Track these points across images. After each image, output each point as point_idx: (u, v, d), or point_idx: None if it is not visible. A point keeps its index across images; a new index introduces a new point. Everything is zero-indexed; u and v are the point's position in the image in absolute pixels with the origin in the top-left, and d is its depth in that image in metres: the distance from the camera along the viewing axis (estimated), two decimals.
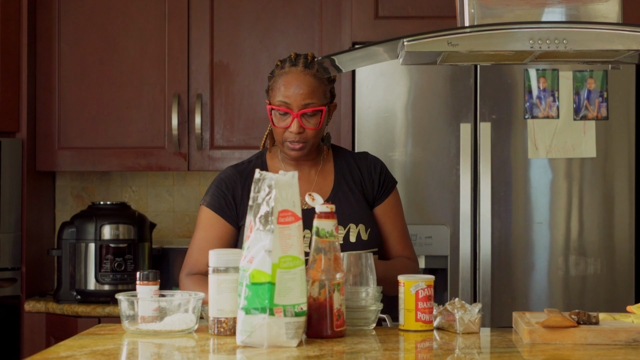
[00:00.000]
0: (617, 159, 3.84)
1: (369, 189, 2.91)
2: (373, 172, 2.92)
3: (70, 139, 4.30)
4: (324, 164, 2.92)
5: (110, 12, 4.29)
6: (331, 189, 2.88)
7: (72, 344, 2.25)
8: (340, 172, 2.91)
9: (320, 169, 2.91)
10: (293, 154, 2.82)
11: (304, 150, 2.81)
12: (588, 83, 3.84)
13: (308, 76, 2.79)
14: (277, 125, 2.79)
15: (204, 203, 2.87)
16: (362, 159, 2.95)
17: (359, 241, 2.82)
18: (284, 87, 2.77)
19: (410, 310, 2.45)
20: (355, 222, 2.83)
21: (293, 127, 2.77)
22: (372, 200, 2.91)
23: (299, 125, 2.76)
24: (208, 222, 2.85)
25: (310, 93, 2.77)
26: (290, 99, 2.77)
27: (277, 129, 2.80)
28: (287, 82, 2.78)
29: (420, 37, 2.37)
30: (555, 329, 2.30)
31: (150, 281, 2.45)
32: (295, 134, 2.77)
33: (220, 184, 2.87)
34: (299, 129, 2.76)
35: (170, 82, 4.27)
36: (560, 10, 2.47)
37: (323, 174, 2.91)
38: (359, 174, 2.91)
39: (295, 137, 2.78)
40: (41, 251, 4.33)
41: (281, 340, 2.21)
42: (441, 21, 3.94)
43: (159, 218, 4.58)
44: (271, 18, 4.26)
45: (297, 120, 2.76)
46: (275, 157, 2.93)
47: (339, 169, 2.92)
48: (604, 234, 3.84)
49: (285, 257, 2.21)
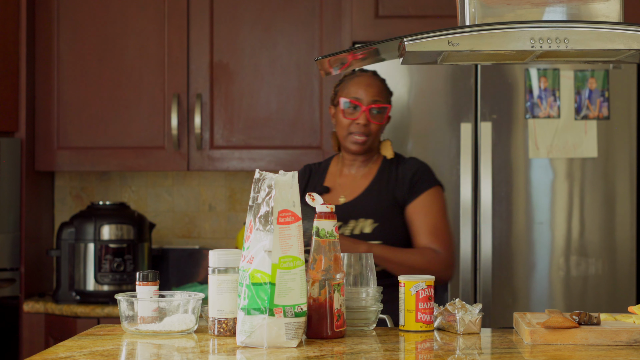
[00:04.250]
0: (618, 159, 3.84)
1: (399, 189, 3.18)
2: (407, 174, 3.20)
3: (69, 139, 4.29)
4: (370, 167, 3.26)
5: (110, 11, 4.29)
6: (366, 187, 3.21)
7: (71, 344, 2.25)
8: (380, 174, 3.23)
9: (366, 171, 3.25)
10: (355, 147, 3.17)
11: (366, 144, 3.17)
12: (589, 83, 3.83)
13: (377, 80, 3.22)
14: (347, 117, 3.15)
15: None
16: (404, 162, 3.25)
17: (361, 235, 3.09)
18: (356, 86, 3.18)
19: (411, 310, 2.44)
20: (365, 217, 3.12)
21: (361, 119, 3.14)
22: (403, 200, 3.17)
23: (366, 118, 3.14)
24: None
25: (378, 92, 3.17)
26: (361, 95, 3.16)
27: (344, 121, 3.16)
28: (359, 82, 3.18)
29: (421, 37, 2.37)
30: (556, 330, 2.30)
31: (150, 281, 2.45)
32: (362, 126, 3.14)
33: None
34: (365, 121, 3.14)
35: (170, 82, 4.26)
36: (562, 9, 2.46)
37: (366, 175, 3.24)
38: (395, 176, 3.21)
39: (361, 128, 3.15)
40: (40, 251, 4.33)
41: (281, 341, 2.20)
42: (442, 21, 3.93)
43: (158, 218, 4.58)
44: (271, 18, 4.25)
45: (365, 113, 3.14)
46: (338, 159, 3.30)
47: (381, 171, 3.23)
48: (605, 234, 3.84)
49: (285, 258, 2.21)
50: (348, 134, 3.18)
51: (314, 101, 4.23)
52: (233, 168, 4.27)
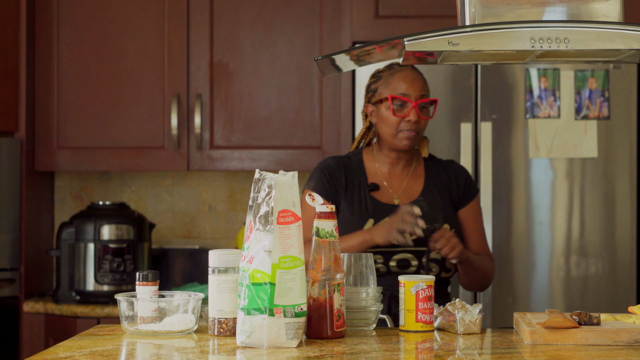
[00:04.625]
0: (618, 159, 3.83)
1: (454, 193, 3.14)
2: (460, 178, 3.17)
3: (69, 139, 4.29)
4: (415, 167, 3.16)
5: (110, 11, 4.28)
6: (421, 190, 3.12)
7: (71, 344, 2.25)
8: (429, 175, 3.15)
9: (412, 171, 3.15)
10: (405, 144, 3.05)
11: (416, 140, 3.06)
12: (589, 82, 3.83)
13: (419, 73, 3.09)
14: (397, 114, 3.02)
15: (308, 187, 3.09)
16: (450, 165, 3.20)
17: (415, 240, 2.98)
18: (402, 81, 3.05)
19: (411, 310, 2.44)
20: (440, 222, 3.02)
21: (412, 116, 3.02)
22: (457, 203, 3.14)
23: (416, 113, 3.02)
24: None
25: (424, 86, 3.07)
26: (409, 90, 3.03)
27: (393, 119, 3.03)
28: (405, 77, 3.06)
29: (421, 37, 2.37)
30: (557, 330, 2.30)
31: (150, 282, 2.44)
32: (412, 123, 3.02)
33: (323, 171, 3.10)
34: (416, 117, 3.02)
35: (170, 82, 4.26)
36: (562, 9, 2.46)
37: (414, 176, 3.15)
38: (447, 179, 3.15)
39: (411, 125, 3.03)
40: (40, 251, 4.32)
41: (281, 341, 2.20)
42: (441, 20, 3.93)
43: (158, 218, 4.57)
44: (271, 18, 4.25)
45: (415, 109, 3.02)
46: (371, 154, 3.16)
47: (429, 172, 3.16)
48: (606, 234, 3.84)
49: (285, 258, 2.21)
50: (398, 131, 3.04)
51: (314, 101, 4.23)
52: (233, 168, 4.27)
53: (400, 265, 2.98)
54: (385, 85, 3.07)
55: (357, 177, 3.11)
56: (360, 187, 3.08)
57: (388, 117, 3.04)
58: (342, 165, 3.11)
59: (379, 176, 3.12)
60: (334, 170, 3.09)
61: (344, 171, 3.10)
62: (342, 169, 3.10)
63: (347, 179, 3.09)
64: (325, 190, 3.05)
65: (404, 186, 3.11)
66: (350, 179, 3.09)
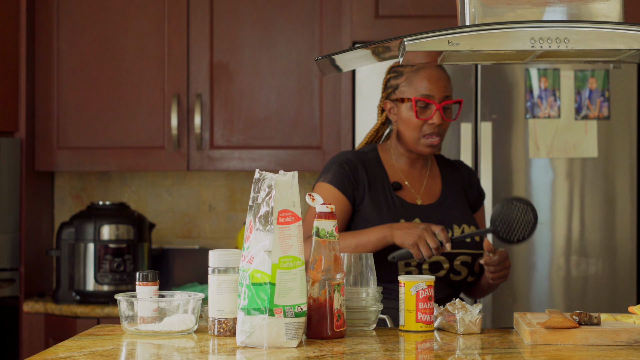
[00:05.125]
0: (618, 159, 3.83)
1: (470, 196, 3.06)
2: (472, 180, 3.09)
3: (69, 139, 4.29)
4: (432, 166, 3.05)
5: (110, 11, 4.28)
6: (440, 190, 3.01)
7: (71, 344, 2.24)
8: (446, 175, 3.05)
9: (430, 170, 3.03)
10: (428, 150, 2.92)
11: (439, 145, 2.93)
12: (589, 82, 3.83)
13: (443, 72, 2.93)
14: (420, 117, 2.87)
15: (324, 180, 2.94)
16: (462, 166, 3.10)
17: (473, 242, 2.92)
18: (426, 81, 2.88)
19: (411, 310, 2.44)
20: (468, 224, 2.95)
21: (435, 118, 2.87)
22: (472, 207, 3.06)
23: (440, 116, 2.87)
24: (330, 195, 2.91)
25: (448, 86, 2.91)
26: (432, 91, 2.87)
27: (415, 122, 2.89)
28: (429, 76, 2.89)
29: (421, 37, 2.37)
30: (557, 330, 2.30)
31: (150, 282, 2.44)
32: (436, 126, 2.88)
33: (342, 165, 2.94)
34: (440, 120, 2.87)
35: (170, 82, 4.26)
36: (562, 9, 2.46)
37: (432, 175, 3.03)
38: (461, 179, 3.06)
39: (435, 128, 2.88)
40: (40, 251, 4.32)
41: (281, 341, 2.20)
42: (442, 20, 3.93)
43: (158, 218, 4.57)
44: (271, 18, 4.25)
45: (439, 111, 2.87)
46: (387, 152, 3.02)
47: (445, 172, 3.05)
48: (606, 234, 3.84)
49: (285, 258, 2.21)
50: (421, 135, 2.89)
51: (314, 101, 4.23)
52: (233, 168, 4.27)
53: (432, 269, 2.87)
54: (407, 84, 2.91)
55: (378, 175, 2.96)
56: (384, 185, 2.94)
57: (410, 119, 2.89)
58: (362, 161, 2.95)
59: (399, 175, 2.99)
60: (354, 164, 2.93)
61: (364, 167, 2.94)
62: (363, 165, 2.94)
63: (368, 176, 2.93)
64: (342, 183, 2.90)
65: (425, 186, 2.99)
66: (372, 176, 2.94)
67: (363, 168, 2.93)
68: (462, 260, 2.90)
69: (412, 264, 2.84)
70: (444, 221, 2.91)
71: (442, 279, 2.88)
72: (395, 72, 2.96)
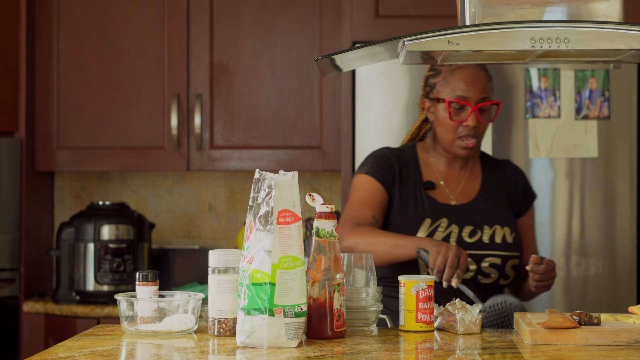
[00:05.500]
0: (618, 159, 3.83)
1: (514, 197, 3.00)
2: (518, 181, 3.02)
3: (69, 139, 4.29)
4: (472, 166, 3.00)
5: (110, 11, 4.28)
6: (478, 190, 2.97)
7: (71, 344, 2.24)
8: (487, 175, 3.00)
9: (469, 170, 2.99)
10: (464, 152, 2.89)
11: (475, 147, 2.88)
12: (589, 82, 3.83)
13: (482, 72, 2.87)
14: (454, 119, 2.84)
15: (361, 172, 2.94)
16: (507, 165, 3.04)
17: (504, 243, 2.88)
18: (462, 82, 2.84)
19: (411, 310, 2.44)
20: (501, 224, 2.90)
21: (470, 121, 2.83)
22: (518, 210, 3.00)
23: (475, 118, 2.83)
24: (370, 185, 2.91)
25: (485, 87, 2.85)
26: (468, 92, 2.83)
27: (450, 123, 2.85)
28: (465, 77, 2.85)
29: (421, 37, 2.36)
30: (557, 330, 2.29)
31: (150, 282, 2.44)
32: (471, 128, 2.83)
33: (379, 158, 2.95)
34: (475, 122, 2.83)
35: (170, 82, 4.26)
36: (562, 9, 2.46)
37: (471, 175, 2.99)
38: (505, 180, 2.99)
39: (470, 130, 2.84)
40: (40, 251, 4.32)
41: (281, 341, 2.20)
42: (442, 20, 3.93)
43: (158, 218, 4.57)
44: (271, 17, 4.25)
45: (475, 113, 2.83)
46: (425, 150, 2.99)
47: (487, 172, 3.00)
48: (606, 234, 3.83)
49: (285, 258, 2.21)
50: (456, 137, 2.87)
51: (314, 101, 4.23)
52: (233, 168, 4.27)
53: None
54: (443, 84, 2.88)
55: (412, 173, 2.95)
56: (415, 183, 2.93)
57: (445, 120, 2.86)
58: (397, 158, 2.94)
59: (435, 174, 2.96)
60: (390, 159, 2.93)
61: (398, 164, 2.93)
62: (397, 161, 2.93)
63: (401, 173, 2.93)
64: (379, 174, 2.91)
65: (461, 186, 2.96)
66: (404, 174, 2.93)
67: (397, 165, 2.93)
68: (491, 262, 2.87)
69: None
70: (474, 221, 2.89)
71: (469, 282, 2.85)
72: (434, 70, 2.93)
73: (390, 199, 2.92)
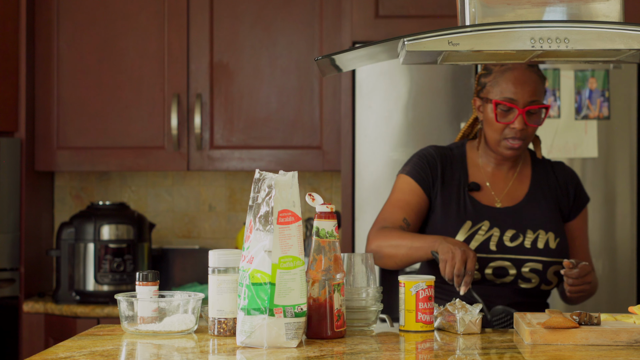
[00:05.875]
0: (618, 159, 3.83)
1: (563, 201, 2.95)
2: (569, 184, 2.97)
3: (69, 139, 4.29)
4: (522, 168, 2.97)
5: (110, 11, 4.28)
6: (525, 193, 2.93)
7: (71, 344, 2.24)
8: (536, 178, 2.95)
9: (518, 172, 2.96)
10: (509, 153, 2.86)
11: (521, 149, 2.85)
12: (589, 82, 3.83)
13: (533, 74, 2.83)
14: (500, 121, 2.82)
15: (403, 172, 2.95)
16: (560, 169, 2.99)
17: (546, 249, 2.85)
18: (511, 84, 2.81)
19: (411, 310, 2.44)
20: (545, 229, 2.87)
21: (517, 124, 2.80)
22: (567, 214, 2.96)
23: (522, 121, 2.80)
24: (408, 187, 2.92)
25: (535, 90, 2.81)
26: (517, 95, 2.80)
27: (497, 125, 2.83)
28: (514, 79, 2.81)
29: (421, 37, 2.36)
30: (557, 330, 2.29)
31: (150, 282, 2.44)
32: (518, 131, 2.80)
33: (422, 158, 2.94)
34: (522, 125, 2.80)
35: (170, 82, 4.26)
36: (562, 9, 2.46)
37: (520, 177, 2.95)
38: (555, 183, 2.95)
39: (516, 133, 2.81)
40: (40, 251, 4.32)
41: (281, 341, 2.20)
42: (442, 20, 3.93)
43: (158, 218, 4.57)
44: (271, 17, 4.25)
45: (522, 116, 2.79)
46: (474, 149, 2.97)
47: (536, 174, 2.96)
48: (606, 234, 3.83)
49: (285, 258, 2.21)
50: (502, 138, 2.83)
51: (314, 101, 4.23)
52: (233, 168, 4.27)
53: (496, 274, 2.82)
54: (493, 84, 2.85)
55: (457, 173, 2.92)
56: (460, 184, 2.90)
57: (492, 120, 2.83)
58: (443, 157, 2.92)
59: (482, 175, 2.94)
60: (433, 159, 2.92)
61: (442, 164, 2.91)
62: (442, 161, 2.91)
63: (444, 173, 2.91)
64: (420, 177, 2.90)
65: (508, 188, 2.92)
66: (449, 174, 2.91)
67: (440, 165, 2.92)
68: (531, 268, 2.84)
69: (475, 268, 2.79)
70: (517, 225, 2.86)
71: (509, 286, 2.84)
72: (486, 69, 2.89)
73: (431, 200, 2.92)
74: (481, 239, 2.84)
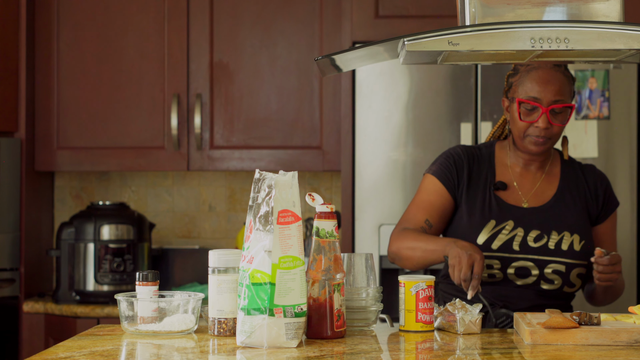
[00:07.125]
0: (618, 159, 3.83)
1: (592, 204, 2.93)
2: (599, 188, 2.95)
3: (69, 139, 4.29)
4: (550, 168, 2.96)
5: (110, 11, 4.28)
6: (553, 193, 2.91)
7: (71, 344, 2.24)
8: (565, 179, 2.94)
9: (547, 172, 2.94)
10: (534, 149, 2.84)
11: (546, 145, 2.84)
12: (589, 82, 3.83)
13: (558, 73, 2.82)
14: (524, 119, 2.82)
15: (429, 172, 2.95)
16: (589, 171, 2.97)
17: (570, 251, 2.84)
18: (535, 83, 2.81)
19: (411, 310, 2.44)
20: (571, 231, 2.86)
21: (540, 122, 2.80)
22: (595, 217, 2.94)
23: (546, 120, 2.80)
24: (432, 187, 2.92)
25: (560, 89, 2.80)
26: (540, 94, 2.80)
27: (521, 123, 2.83)
28: (539, 78, 2.81)
29: (421, 37, 2.37)
30: (557, 330, 2.30)
31: (150, 282, 2.44)
32: (542, 129, 2.80)
33: (449, 158, 2.94)
34: (546, 124, 2.80)
35: (170, 82, 4.26)
36: (562, 9, 2.46)
37: (548, 178, 2.94)
38: (584, 186, 2.94)
39: (541, 132, 2.81)
40: (40, 251, 4.32)
41: (281, 341, 2.20)
42: (442, 20, 3.93)
43: (158, 218, 4.57)
44: (271, 17, 4.25)
45: (546, 115, 2.79)
46: (504, 149, 2.97)
47: (565, 176, 2.95)
48: None
49: (285, 258, 2.21)
50: (525, 135, 2.84)
51: (314, 101, 4.23)
52: (233, 168, 4.27)
53: (518, 274, 2.81)
54: (519, 83, 2.85)
55: (484, 172, 2.92)
56: (486, 184, 2.90)
57: (516, 119, 2.84)
58: (470, 156, 2.92)
59: (510, 175, 2.93)
60: (460, 159, 2.91)
61: (469, 163, 2.91)
62: (469, 161, 2.91)
63: (471, 172, 2.91)
64: (445, 177, 2.90)
65: (536, 188, 2.91)
66: (475, 173, 2.91)
67: (467, 165, 2.92)
68: (554, 269, 2.83)
69: (495, 267, 2.80)
70: (542, 226, 2.85)
71: (531, 287, 2.83)
72: (514, 69, 2.90)
73: (456, 200, 2.91)
74: (504, 239, 2.83)
